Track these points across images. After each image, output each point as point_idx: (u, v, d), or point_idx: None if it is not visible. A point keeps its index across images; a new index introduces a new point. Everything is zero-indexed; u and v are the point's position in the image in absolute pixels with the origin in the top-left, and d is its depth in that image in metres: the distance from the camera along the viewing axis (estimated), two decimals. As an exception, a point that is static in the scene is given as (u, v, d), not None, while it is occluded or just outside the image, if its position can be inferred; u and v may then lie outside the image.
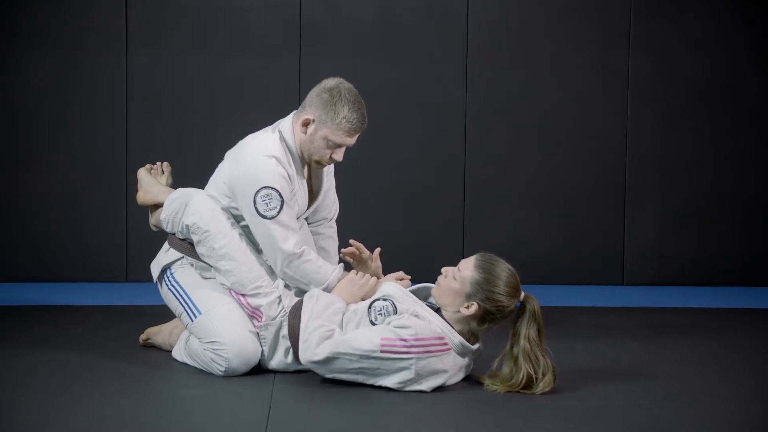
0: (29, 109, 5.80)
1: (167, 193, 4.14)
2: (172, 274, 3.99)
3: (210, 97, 5.88)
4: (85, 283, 5.79)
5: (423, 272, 4.43)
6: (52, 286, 5.70)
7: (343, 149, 3.89)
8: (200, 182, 4.39)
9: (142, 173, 4.29)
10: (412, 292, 3.83)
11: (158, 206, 4.16)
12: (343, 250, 4.05)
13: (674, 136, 6.05)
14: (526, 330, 3.61)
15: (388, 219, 5.96)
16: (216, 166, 4.18)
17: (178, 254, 3.99)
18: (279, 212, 3.80)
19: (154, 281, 4.07)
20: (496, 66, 5.98)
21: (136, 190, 4.29)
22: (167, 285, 3.99)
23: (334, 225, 4.27)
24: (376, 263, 4.05)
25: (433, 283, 3.79)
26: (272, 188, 3.80)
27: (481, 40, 5.97)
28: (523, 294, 3.67)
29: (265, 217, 3.80)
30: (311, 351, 3.63)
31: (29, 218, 5.82)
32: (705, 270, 6.09)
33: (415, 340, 3.58)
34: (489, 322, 3.66)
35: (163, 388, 3.71)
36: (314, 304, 3.73)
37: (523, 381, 3.60)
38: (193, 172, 4.95)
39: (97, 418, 3.31)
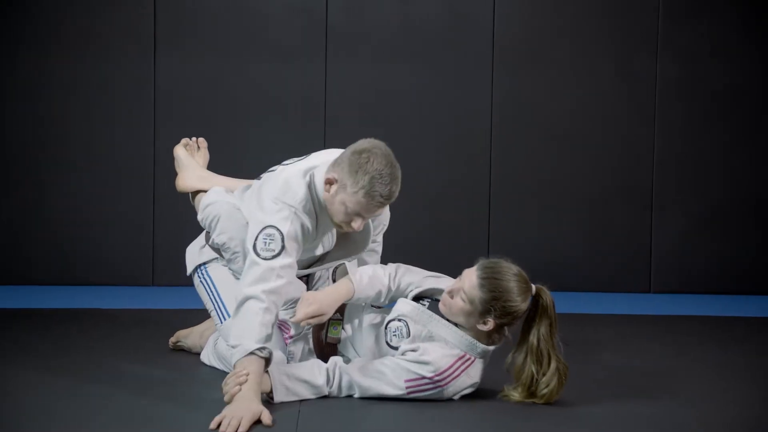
0: (57, 112, 5.83)
1: (208, 180, 4.10)
2: (205, 268, 3.94)
3: (238, 102, 5.90)
4: (111, 287, 5.81)
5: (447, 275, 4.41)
6: (78, 290, 5.73)
7: (361, 220, 3.57)
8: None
9: (180, 151, 4.26)
10: (424, 292, 3.73)
11: (199, 192, 4.13)
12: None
13: (701, 140, 6.03)
14: (537, 326, 3.51)
15: (413, 222, 5.96)
16: (244, 167, 4.21)
17: (213, 254, 3.96)
18: (273, 257, 3.52)
19: (188, 273, 4.03)
20: (521, 70, 5.98)
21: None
22: (200, 278, 3.95)
23: (379, 238, 4.10)
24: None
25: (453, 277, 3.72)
26: (277, 229, 3.53)
27: (507, 43, 5.96)
28: (534, 288, 3.53)
29: (257, 254, 3.51)
30: (335, 394, 3.56)
31: (56, 221, 5.85)
32: (734, 277, 6.05)
33: (438, 375, 3.49)
34: (507, 326, 3.57)
35: (189, 391, 3.69)
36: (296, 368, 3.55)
37: (527, 381, 3.49)
38: (220, 174, 4.96)
39: (123, 420, 3.31)
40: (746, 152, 6.05)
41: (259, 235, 3.53)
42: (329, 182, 3.57)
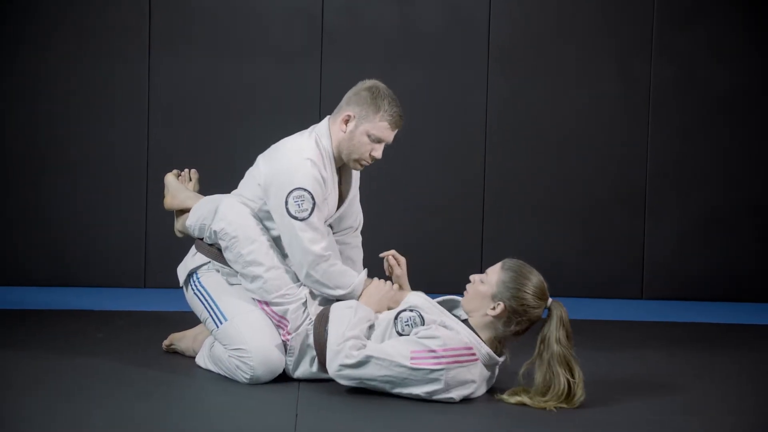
0: (51, 112, 5.80)
1: (195, 198, 4.13)
2: (198, 278, 3.98)
3: (232, 102, 5.88)
4: (102, 288, 5.78)
5: (442, 281, 4.42)
6: (70, 291, 5.70)
7: (382, 145, 3.92)
8: (221, 186, 4.39)
9: (170, 179, 4.28)
10: (438, 303, 3.81)
11: (184, 212, 4.15)
12: (383, 254, 4.04)
13: (696, 145, 6.03)
14: (557, 334, 3.56)
15: (407, 227, 5.95)
16: (238, 170, 4.18)
17: (205, 258, 3.98)
18: (310, 214, 3.80)
19: (181, 285, 4.06)
20: (517, 74, 5.97)
21: (163, 195, 4.28)
22: (193, 289, 3.98)
23: (360, 235, 4.25)
24: (402, 271, 4.04)
25: (457, 294, 3.79)
26: (305, 190, 3.81)
27: (503, 47, 5.96)
28: (550, 300, 3.63)
29: (295, 218, 3.80)
30: (344, 353, 3.60)
31: (49, 222, 5.82)
32: (726, 284, 6.05)
33: (444, 350, 3.56)
34: (516, 325, 3.62)
35: (187, 394, 3.70)
36: (352, 315, 3.71)
37: (564, 389, 3.52)
38: (214, 177, 4.94)
39: (119, 423, 3.29)
40: (742, 158, 6.05)
41: (287, 199, 3.81)
42: (346, 120, 3.90)
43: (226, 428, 3.30)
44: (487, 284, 3.64)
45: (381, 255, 4.01)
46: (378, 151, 3.91)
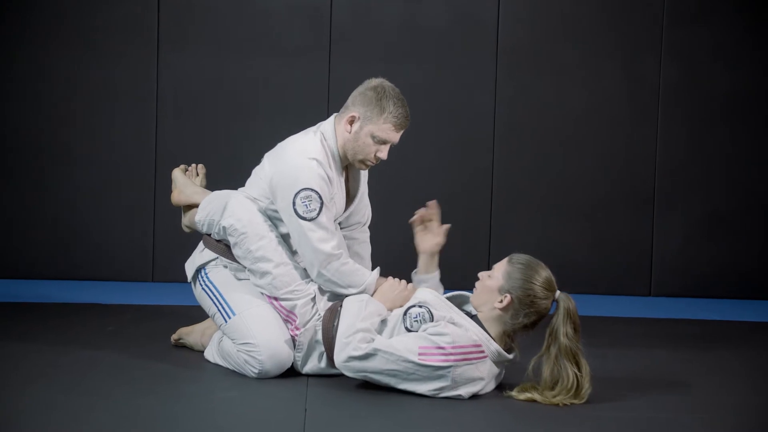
0: (59, 108, 5.81)
1: (202, 194, 4.14)
2: (206, 274, 3.99)
3: (240, 99, 5.88)
4: (111, 283, 5.79)
5: (449, 279, 4.39)
6: (78, 284, 5.71)
7: (387, 147, 3.89)
8: (228, 182, 4.39)
9: (177, 174, 4.29)
10: (447, 299, 3.82)
11: (192, 207, 4.16)
12: (418, 210, 4.01)
13: (703, 144, 6.03)
14: (564, 327, 3.57)
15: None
16: (245, 167, 4.19)
17: (213, 254, 3.99)
18: (318, 214, 3.79)
19: (189, 281, 4.07)
20: (525, 72, 5.97)
21: (170, 190, 4.29)
22: (201, 285, 3.99)
23: (368, 230, 4.25)
24: (439, 238, 4.01)
25: (466, 290, 3.80)
26: (312, 190, 3.79)
27: (511, 46, 5.96)
28: (558, 292, 3.64)
29: (304, 218, 3.79)
30: (353, 346, 3.60)
31: (57, 216, 5.83)
32: (734, 282, 6.05)
33: (453, 347, 3.56)
34: (524, 317, 3.62)
35: (196, 389, 3.70)
36: (362, 308, 3.71)
37: (573, 382, 3.53)
38: (221, 173, 4.95)
39: (125, 418, 3.30)
40: (749, 157, 6.05)
41: (295, 200, 3.79)
42: (350, 121, 3.87)
43: (235, 423, 3.30)
44: (494, 278, 3.65)
45: (413, 217, 4.01)
46: (383, 152, 3.89)
